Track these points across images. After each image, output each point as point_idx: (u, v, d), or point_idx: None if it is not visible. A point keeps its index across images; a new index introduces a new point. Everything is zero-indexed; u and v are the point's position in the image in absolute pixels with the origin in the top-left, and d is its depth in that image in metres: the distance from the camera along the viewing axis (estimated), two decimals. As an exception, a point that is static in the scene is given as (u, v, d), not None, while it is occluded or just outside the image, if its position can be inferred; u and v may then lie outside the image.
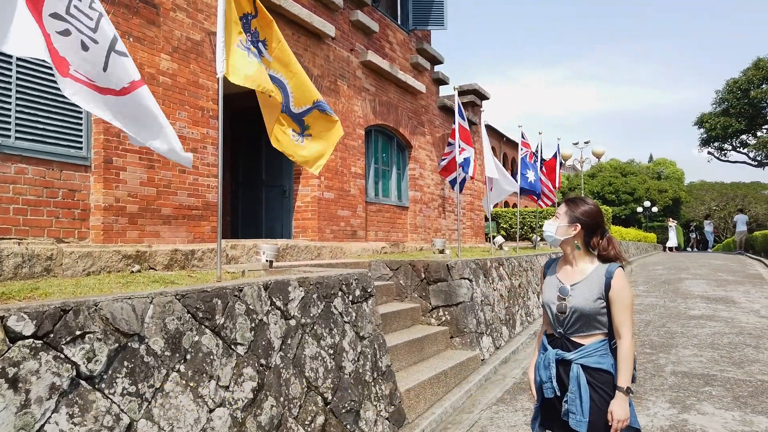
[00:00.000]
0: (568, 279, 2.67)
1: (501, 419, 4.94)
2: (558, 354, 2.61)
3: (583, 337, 2.58)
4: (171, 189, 5.60)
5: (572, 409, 2.52)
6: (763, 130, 28.19)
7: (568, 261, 2.73)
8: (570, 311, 2.58)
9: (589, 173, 47.37)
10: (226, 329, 3.40)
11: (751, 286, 12.30)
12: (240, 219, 8.70)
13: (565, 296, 2.61)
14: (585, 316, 2.55)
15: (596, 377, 2.53)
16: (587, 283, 2.60)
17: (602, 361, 2.54)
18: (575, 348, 2.58)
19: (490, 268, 7.84)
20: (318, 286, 4.32)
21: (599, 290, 2.55)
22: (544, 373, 2.65)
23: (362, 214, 9.24)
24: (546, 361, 2.65)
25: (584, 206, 2.70)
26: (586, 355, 2.55)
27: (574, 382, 2.53)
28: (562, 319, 2.61)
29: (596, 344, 2.56)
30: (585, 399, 2.50)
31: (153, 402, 2.86)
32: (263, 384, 3.56)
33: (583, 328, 2.57)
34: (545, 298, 2.74)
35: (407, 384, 5.12)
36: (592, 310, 2.54)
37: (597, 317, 2.55)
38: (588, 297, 2.55)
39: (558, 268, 2.78)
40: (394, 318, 6.29)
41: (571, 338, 2.60)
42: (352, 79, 9.06)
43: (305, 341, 4.03)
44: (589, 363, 2.53)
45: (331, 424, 4.04)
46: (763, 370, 5.99)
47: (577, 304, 2.56)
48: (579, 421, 2.50)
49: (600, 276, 2.59)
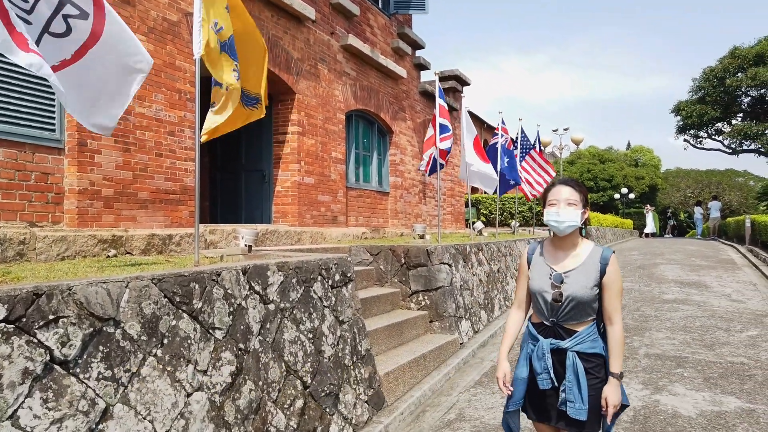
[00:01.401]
0: (561, 265, 2.56)
1: (478, 401, 5.01)
2: (553, 343, 2.53)
3: (577, 324, 2.53)
4: (148, 173, 5.51)
5: (570, 397, 2.46)
6: (738, 118, 28.71)
7: (560, 246, 2.61)
8: (567, 300, 2.49)
9: (569, 160, 47.85)
10: (203, 313, 3.38)
11: (723, 271, 12.59)
12: (219, 204, 8.62)
13: (559, 284, 2.51)
14: (581, 303, 2.49)
15: (590, 362, 2.50)
16: (583, 270, 2.51)
17: (594, 345, 2.51)
18: (569, 335, 2.52)
19: (470, 253, 7.90)
20: (297, 270, 4.31)
21: (595, 277, 2.49)
22: (539, 364, 2.54)
23: (343, 200, 9.22)
24: (540, 352, 2.55)
25: (584, 186, 2.63)
26: (580, 342, 2.50)
27: (571, 370, 2.47)
28: (557, 307, 2.52)
29: (588, 329, 2.52)
30: (584, 386, 2.45)
31: (129, 386, 2.84)
32: (242, 368, 3.55)
33: (578, 315, 2.52)
34: (536, 287, 2.59)
35: (387, 367, 5.16)
36: (589, 297, 2.48)
37: (592, 304, 2.50)
38: (585, 284, 2.48)
39: (546, 254, 2.64)
40: (374, 302, 6.31)
41: (564, 326, 2.53)
42: (332, 63, 8.98)
43: (284, 325, 4.02)
44: (583, 349, 2.50)
45: (310, 407, 4.05)
46: (733, 352, 6.16)
47: (575, 292, 2.48)
48: (579, 409, 2.44)
49: (595, 262, 2.52)
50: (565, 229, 2.53)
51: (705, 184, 49.47)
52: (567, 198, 2.53)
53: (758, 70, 24.47)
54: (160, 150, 5.67)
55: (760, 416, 4.41)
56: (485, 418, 4.60)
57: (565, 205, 2.52)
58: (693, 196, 47.12)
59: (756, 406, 4.63)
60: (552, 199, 2.57)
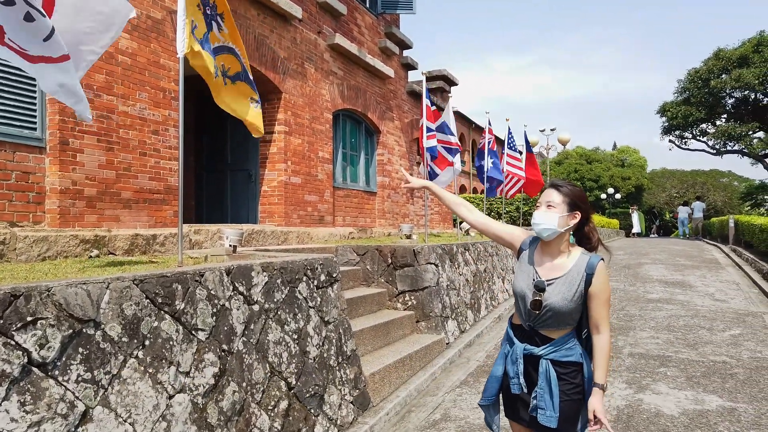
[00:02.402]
0: (546, 272, 2.47)
1: (464, 401, 5.02)
2: (526, 349, 2.49)
3: (553, 331, 2.47)
4: (131, 172, 5.46)
5: (541, 404, 2.42)
6: (722, 119, 29.04)
7: (547, 252, 2.50)
8: (545, 309, 2.41)
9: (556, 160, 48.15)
10: (186, 315, 3.35)
11: (707, 271, 12.74)
12: (205, 204, 8.55)
13: (541, 291, 2.42)
14: (560, 314, 2.41)
15: (565, 368, 2.45)
16: (566, 281, 2.42)
17: (570, 353, 2.45)
18: (544, 342, 2.47)
19: (456, 253, 7.92)
20: (282, 271, 4.29)
21: (578, 287, 2.40)
22: (511, 368, 2.53)
23: (330, 200, 9.19)
24: (513, 356, 2.52)
25: (576, 189, 2.48)
26: (555, 350, 2.45)
27: (543, 377, 2.43)
28: (534, 314, 2.45)
29: (564, 337, 2.46)
30: (555, 394, 2.41)
31: (110, 389, 2.81)
32: (225, 369, 3.53)
33: (556, 324, 2.45)
34: (518, 287, 2.52)
35: (372, 368, 5.15)
36: (569, 309, 2.40)
37: (572, 315, 2.43)
38: (566, 296, 2.39)
39: (536, 255, 2.54)
40: (360, 303, 6.30)
41: (540, 332, 2.48)
42: (319, 62, 8.95)
43: (269, 326, 4.00)
44: (557, 357, 2.44)
45: (294, 408, 4.04)
46: (716, 351, 6.23)
47: (554, 303, 2.40)
48: (549, 417, 2.40)
49: (580, 271, 2.41)
50: (540, 232, 2.44)
51: (690, 184, 50.04)
52: (548, 201, 2.45)
53: (742, 72, 24.77)
54: (144, 149, 5.61)
55: (741, 415, 4.47)
56: (470, 418, 4.61)
57: (545, 207, 2.44)
58: (678, 196, 47.63)
59: (737, 404, 4.68)
60: (539, 202, 2.51)
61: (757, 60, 24.84)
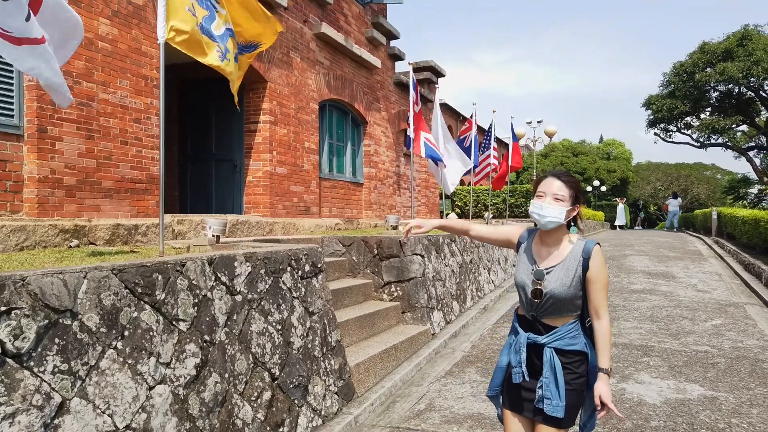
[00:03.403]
0: (544, 261, 2.50)
1: (448, 391, 5.03)
2: (530, 338, 2.49)
3: (556, 320, 2.48)
4: (112, 161, 5.36)
5: (547, 394, 2.41)
6: (707, 112, 29.31)
7: (545, 242, 2.53)
8: (545, 297, 2.43)
9: (542, 153, 48.34)
10: (167, 305, 3.30)
11: (690, 262, 12.88)
12: (189, 194, 8.45)
13: (540, 280, 2.44)
14: (561, 301, 2.42)
15: (569, 358, 2.45)
16: (564, 267, 2.45)
17: (574, 342, 2.45)
18: (547, 331, 2.47)
19: (442, 244, 7.92)
20: (266, 261, 4.25)
21: (576, 273, 2.42)
22: (514, 357, 2.53)
23: (316, 190, 9.14)
24: (517, 345, 2.53)
25: (577, 181, 2.51)
26: (558, 338, 2.44)
27: (548, 366, 2.42)
28: (536, 303, 2.47)
29: (568, 326, 2.46)
30: (561, 383, 2.40)
31: (87, 380, 2.76)
32: (207, 360, 3.49)
33: (558, 311, 2.46)
34: (519, 278, 2.56)
35: (358, 358, 5.14)
36: (569, 295, 2.42)
37: (573, 301, 2.44)
38: (565, 282, 2.42)
39: (534, 247, 2.57)
40: (346, 294, 6.28)
41: (543, 321, 2.49)
42: (305, 51, 8.86)
43: (252, 317, 3.96)
44: (561, 345, 2.44)
45: (278, 399, 4.01)
46: (698, 341, 6.30)
47: (554, 290, 2.42)
48: (556, 406, 2.39)
49: (576, 256, 2.44)
50: (546, 224, 2.45)
51: (674, 177, 50.56)
52: (555, 193, 2.44)
53: (726, 66, 24.98)
54: (126, 138, 5.52)
55: (722, 403, 4.52)
56: (455, 408, 4.62)
57: (552, 199, 2.43)
58: (663, 188, 48.09)
59: (718, 393, 4.74)
60: (540, 191, 2.48)
61: (741, 53, 25.07)
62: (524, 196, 19.46)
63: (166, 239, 5.78)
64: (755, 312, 7.75)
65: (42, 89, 4.06)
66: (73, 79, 5.01)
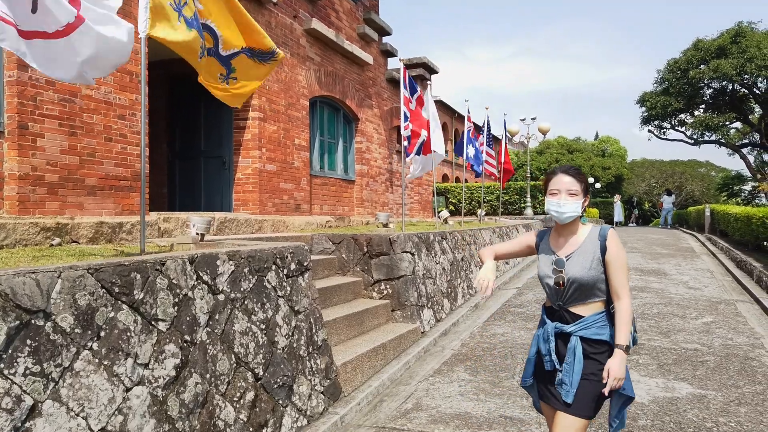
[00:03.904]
0: (563, 251, 2.62)
1: (436, 390, 4.99)
2: (557, 327, 2.58)
3: (582, 307, 2.55)
4: (96, 158, 5.29)
5: (565, 379, 2.51)
6: (700, 109, 29.36)
7: (562, 233, 2.66)
8: (568, 282, 2.53)
9: (537, 150, 48.36)
10: (145, 305, 3.23)
11: (682, 259, 12.89)
12: (178, 191, 8.38)
13: (561, 268, 2.56)
14: (584, 285, 2.51)
15: (595, 348, 2.51)
16: (582, 252, 2.56)
17: (601, 332, 2.51)
18: (574, 320, 2.55)
19: (433, 241, 7.87)
20: (250, 259, 4.19)
21: (595, 256, 2.52)
22: (544, 346, 2.62)
23: (306, 188, 9.07)
24: (545, 335, 2.62)
25: (582, 173, 2.64)
26: (585, 327, 2.52)
27: (571, 353, 2.51)
28: (561, 291, 2.56)
29: (595, 315, 2.53)
30: (577, 370, 2.48)
31: (61, 382, 2.70)
32: (187, 361, 3.43)
33: (583, 297, 2.54)
34: (541, 273, 2.67)
35: (345, 357, 5.09)
36: (591, 278, 2.50)
37: (597, 284, 2.52)
38: (585, 265, 2.51)
39: (551, 241, 2.71)
40: (335, 292, 6.23)
41: (570, 309, 2.57)
42: (295, 47, 8.78)
43: (235, 316, 3.90)
44: (588, 335, 2.51)
45: (262, 399, 3.96)
46: (688, 339, 6.28)
47: (575, 274, 2.52)
48: (567, 392, 2.49)
49: (593, 241, 2.56)
50: (565, 219, 2.58)
51: (669, 174, 50.66)
52: (568, 188, 2.56)
53: (720, 63, 25.00)
54: (110, 134, 5.44)
55: (710, 402, 4.49)
56: (442, 407, 4.58)
57: (567, 195, 2.56)
58: (657, 185, 48.20)
59: (707, 392, 4.71)
60: (553, 189, 2.60)
61: (734, 51, 25.10)
62: (518, 193, 19.46)
63: (153, 237, 5.72)
64: (746, 309, 7.74)
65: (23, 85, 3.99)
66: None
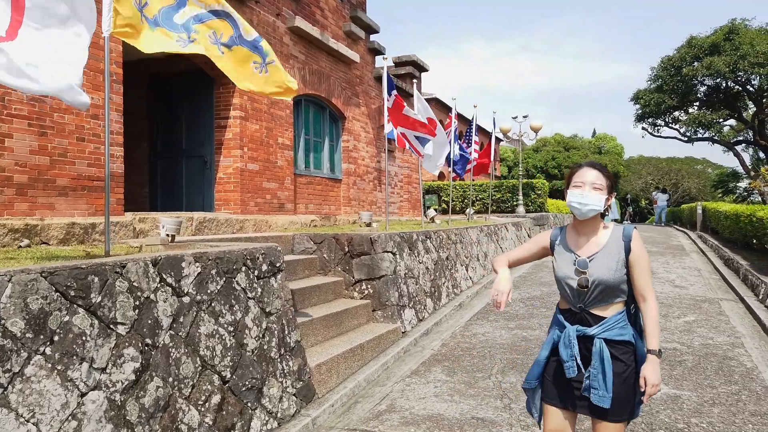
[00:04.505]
0: (584, 250, 2.53)
1: (412, 391, 4.95)
2: (579, 330, 2.49)
3: (604, 309, 2.48)
4: (68, 158, 5.23)
5: (594, 384, 2.42)
6: (694, 106, 29.33)
7: (582, 232, 2.57)
8: (593, 285, 2.45)
9: (534, 147, 48.32)
10: (103, 308, 3.19)
11: (671, 257, 12.87)
12: (160, 191, 8.32)
13: (585, 269, 2.47)
14: (609, 287, 2.44)
15: (618, 349, 2.45)
16: (606, 253, 2.47)
17: (623, 332, 2.46)
18: (596, 321, 2.48)
19: (416, 241, 7.83)
20: (218, 261, 4.14)
21: (620, 257, 2.45)
22: (565, 351, 2.51)
23: (291, 187, 9.02)
24: (567, 339, 2.51)
25: (609, 171, 2.56)
26: (608, 329, 2.45)
27: (597, 357, 2.42)
28: (584, 293, 2.48)
29: (617, 316, 2.47)
30: (608, 374, 2.40)
31: (10, 388, 2.65)
32: (148, 364, 3.39)
33: (606, 299, 2.47)
34: (560, 274, 2.56)
35: (320, 359, 5.05)
36: (616, 279, 2.44)
37: (621, 286, 2.46)
38: (610, 266, 2.44)
39: (569, 240, 2.61)
40: (315, 292, 6.19)
41: (591, 311, 2.49)
42: (278, 45, 8.72)
43: (201, 319, 3.86)
44: (611, 336, 2.44)
45: (229, 402, 3.92)
46: (668, 338, 6.25)
47: (601, 276, 2.44)
48: (602, 397, 2.40)
49: (618, 241, 2.48)
50: (587, 213, 2.49)
51: (665, 171, 50.68)
52: (593, 182, 2.49)
53: (713, 60, 24.96)
54: (83, 134, 5.38)
55: (684, 402, 4.47)
56: (415, 409, 4.54)
57: (591, 188, 2.48)
58: (654, 182, 48.22)
59: (681, 392, 4.69)
60: (577, 181, 2.52)
61: (728, 48, 25.06)
62: (510, 191, 19.43)
63: (128, 238, 5.67)
64: (729, 308, 7.72)
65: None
66: (25, 74, 4.87)
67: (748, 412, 4.27)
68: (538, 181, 20.19)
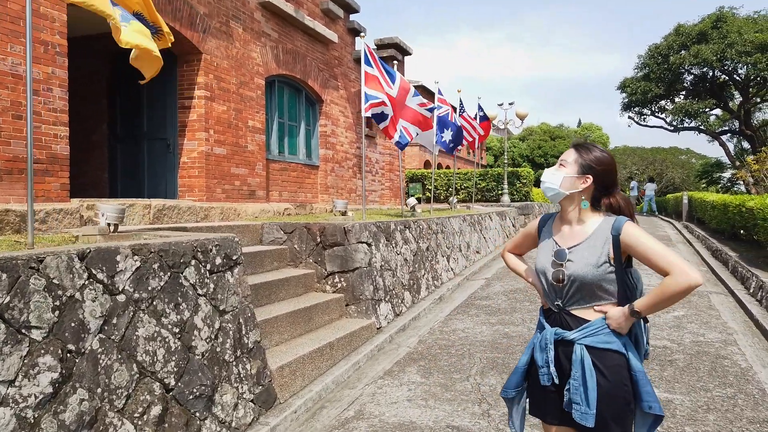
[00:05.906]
0: (566, 241, 2.20)
1: (383, 395, 4.55)
2: (557, 333, 2.16)
3: (588, 310, 2.13)
4: (2, 138, 4.71)
5: (575, 398, 2.07)
6: (681, 95, 29.14)
7: (566, 220, 2.26)
8: (569, 280, 2.12)
9: (520, 136, 48.12)
10: (12, 310, 2.72)
11: (658, 248, 12.58)
12: (119, 176, 7.77)
13: (562, 261, 2.15)
14: (587, 284, 2.10)
15: (604, 359, 2.08)
16: (589, 245, 2.13)
17: (610, 339, 2.08)
18: (577, 325, 2.13)
19: (394, 231, 7.40)
20: (162, 254, 3.68)
21: (604, 251, 2.09)
22: (540, 356, 2.20)
23: (262, 173, 8.52)
24: (543, 342, 2.20)
25: (598, 153, 2.19)
26: (590, 334, 2.09)
27: (578, 366, 2.08)
28: (559, 289, 2.17)
29: (602, 320, 2.11)
30: (591, 387, 2.05)
31: None
32: (71, 374, 2.93)
33: (586, 299, 2.12)
34: (539, 265, 2.26)
35: (284, 359, 4.63)
36: (595, 277, 2.08)
37: (603, 285, 2.09)
38: (590, 261, 2.09)
39: (554, 228, 2.30)
40: (283, 285, 5.75)
41: (571, 312, 2.15)
42: (248, 21, 8.18)
43: (139, 320, 3.40)
44: (595, 343, 2.08)
45: (172, 413, 3.47)
46: (657, 335, 5.92)
47: (577, 270, 2.10)
48: (584, 414, 2.04)
49: (605, 233, 2.12)
50: (545, 191, 2.26)
51: (650, 161, 50.75)
52: (562, 159, 2.25)
53: (700, 48, 24.73)
54: (20, 112, 4.85)
55: (677, 408, 4.11)
56: (385, 416, 4.14)
57: (558, 166, 2.24)
58: (639, 172, 48.27)
59: (674, 396, 4.33)
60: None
61: (715, 36, 24.85)
62: (495, 180, 19.07)
63: (72, 227, 5.17)
64: (719, 302, 7.42)
65: None
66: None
67: (745, 419, 3.92)
68: (524, 170, 19.86)
